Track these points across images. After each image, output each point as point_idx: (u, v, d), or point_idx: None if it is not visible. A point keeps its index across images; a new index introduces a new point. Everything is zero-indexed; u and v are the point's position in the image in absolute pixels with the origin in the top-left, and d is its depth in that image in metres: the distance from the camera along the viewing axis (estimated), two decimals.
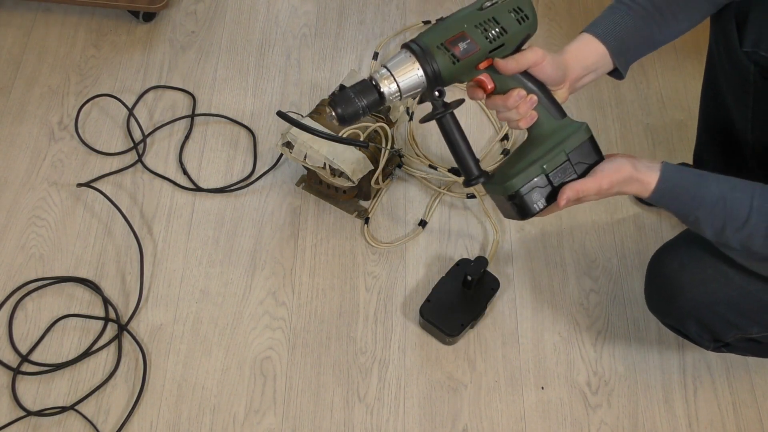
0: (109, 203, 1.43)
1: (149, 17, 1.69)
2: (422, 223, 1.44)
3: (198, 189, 1.47)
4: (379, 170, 1.37)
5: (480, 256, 1.30)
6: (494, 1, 0.92)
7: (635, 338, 1.33)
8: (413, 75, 0.91)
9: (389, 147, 1.37)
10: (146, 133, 1.53)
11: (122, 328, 1.30)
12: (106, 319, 1.32)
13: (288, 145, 1.36)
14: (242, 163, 1.51)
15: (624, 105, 1.61)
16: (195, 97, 1.59)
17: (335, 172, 1.35)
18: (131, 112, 1.56)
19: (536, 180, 0.95)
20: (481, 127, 1.57)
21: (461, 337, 1.31)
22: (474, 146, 1.55)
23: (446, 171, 1.46)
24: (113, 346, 1.30)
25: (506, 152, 1.53)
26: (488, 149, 1.53)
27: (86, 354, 1.28)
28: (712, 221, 0.93)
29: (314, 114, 1.40)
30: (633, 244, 1.43)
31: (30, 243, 1.40)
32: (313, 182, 1.45)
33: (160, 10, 1.66)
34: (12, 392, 1.24)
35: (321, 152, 1.32)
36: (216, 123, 1.57)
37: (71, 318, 1.32)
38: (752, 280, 1.04)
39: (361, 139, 1.34)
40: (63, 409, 1.23)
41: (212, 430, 1.23)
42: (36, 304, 1.33)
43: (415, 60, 0.90)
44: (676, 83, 1.65)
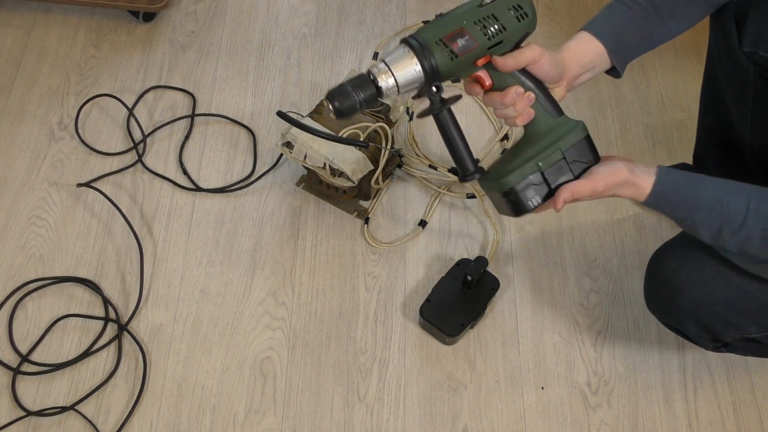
0: (109, 203, 1.43)
1: (149, 17, 1.69)
2: (422, 223, 1.44)
3: (198, 189, 1.47)
4: (379, 170, 1.37)
5: (480, 256, 1.30)
6: None
7: (635, 338, 1.33)
8: (411, 70, 0.90)
9: (389, 147, 1.37)
10: (146, 133, 1.53)
11: (122, 328, 1.30)
12: (106, 319, 1.32)
13: (288, 145, 1.36)
14: (242, 163, 1.51)
15: (624, 105, 1.61)
16: (195, 97, 1.59)
17: (335, 172, 1.35)
18: (131, 112, 1.56)
19: (531, 177, 0.95)
20: (481, 127, 1.57)
21: (461, 337, 1.31)
22: (474, 146, 1.55)
23: (446, 171, 1.46)
24: (113, 346, 1.30)
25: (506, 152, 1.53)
26: (488, 149, 1.53)
27: (86, 354, 1.28)
28: (709, 225, 0.94)
29: (314, 114, 1.40)
30: (633, 244, 1.43)
31: (30, 243, 1.40)
32: (313, 182, 1.45)
33: (160, 10, 1.66)
34: (12, 392, 1.24)
35: (321, 152, 1.32)
36: (216, 123, 1.57)
37: (71, 318, 1.32)
38: (751, 281, 1.04)
39: (361, 139, 1.34)
40: (63, 409, 1.23)
41: (212, 430, 1.23)
42: (36, 304, 1.33)
43: (414, 55, 0.90)
44: (676, 83, 1.65)
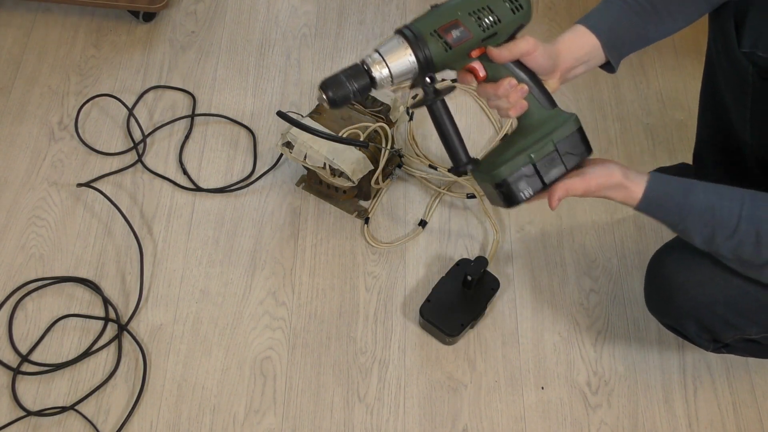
0: (109, 203, 1.43)
1: (149, 17, 1.69)
2: (422, 223, 1.44)
3: (198, 189, 1.47)
4: (379, 170, 1.37)
5: (480, 256, 1.30)
6: None
7: (635, 338, 1.33)
8: (405, 61, 0.90)
9: (389, 147, 1.37)
10: (146, 133, 1.53)
11: (122, 328, 1.30)
12: (106, 319, 1.32)
13: (288, 145, 1.36)
14: (242, 163, 1.51)
15: (624, 105, 1.61)
16: (195, 97, 1.59)
17: (335, 172, 1.35)
18: (131, 112, 1.56)
19: (524, 169, 0.96)
20: (481, 127, 1.57)
21: (461, 337, 1.31)
22: (474, 146, 1.55)
23: (446, 171, 1.46)
24: (113, 346, 1.30)
25: None
26: (488, 149, 1.53)
27: (86, 354, 1.28)
28: (701, 230, 0.94)
29: (314, 114, 1.40)
30: (633, 244, 1.43)
31: (30, 243, 1.40)
32: (313, 182, 1.45)
33: (160, 10, 1.66)
34: (12, 392, 1.24)
35: (321, 152, 1.32)
36: (216, 123, 1.57)
37: (71, 318, 1.32)
38: (751, 281, 1.04)
39: (361, 139, 1.34)
40: (63, 409, 1.23)
41: (212, 430, 1.23)
42: (36, 304, 1.33)
43: (408, 46, 0.90)
44: (676, 83, 1.65)
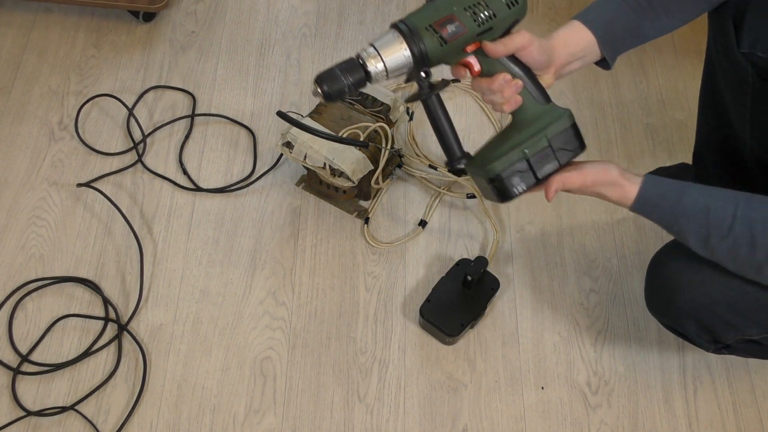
0: (109, 203, 1.43)
1: (149, 17, 1.69)
2: (422, 223, 1.44)
3: (198, 189, 1.47)
4: (379, 170, 1.37)
5: (480, 256, 1.30)
6: None
7: (635, 338, 1.33)
8: (400, 55, 0.90)
9: (389, 147, 1.37)
10: (146, 133, 1.53)
11: (122, 328, 1.30)
12: (106, 319, 1.32)
13: (288, 145, 1.36)
14: (242, 163, 1.51)
15: (624, 105, 1.61)
16: (195, 97, 1.59)
17: (335, 172, 1.35)
18: (131, 112, 1.56)
19: (517, 164, 0.96)
20: (481, 127, 1.57)
21: (461, 337, 1.31)
22: (474, 146, 1.55)
23: (446, 171, 1.46)
24: (113, 346, 1.30)
25: None
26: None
27: (86, 354, 1.28)
28: (696, 230, 0.95)
29: (314, 114, 1.40)
30: (633, 244, 1.43)
31: (30, 243, 1.40)
32: (313, 182, 1.45)
33: (160, 10, 1.66)
34: (12, 392, 1.24)
35: (321, 152, 1.32)
36: (216, 123, 1.57)
37: (71, 318, 1.32)
38: (750, 282, 1.04)
39: (361, 139, 1.34)
40: (63, 409, 1.23)
41: (212, 430, 1.23)
42: (36, 304, 1.33)
43: (403, 40, 0.90)
44: (676, 83, 1.65)
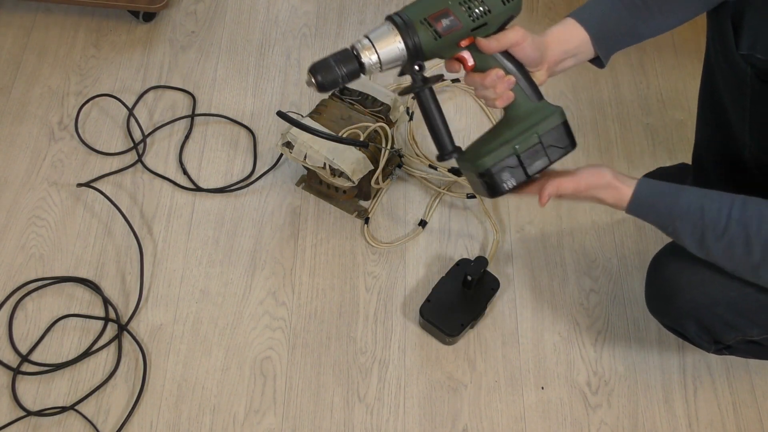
0: (109, 203, 1.43)
1: (149, 17, 1.69)
2: (422, 223, 1.44)
3: (198, 189, 1.47)
4: (379, 170, 1.37)
5: (480, 256, 1.30)
6: None
7: (635, 338, 1.33)
8: (394, 47, 0.91)
9: (389, 147, 1.37)
10: (146, 133, 1.53)
11: (122, 328, 1.30)
12: (106, 319, 1.32)
13: (288, 145, 1.36)
14: (242, 163, 1.51)
15: (624, 105, 1.61)
16: (195, 97, 1.59)
17: (335, 172, 1.35)
18: (131, 112, 1.56)
19: (507, 160, 0.97)
20: (481, 128, 1.57)
21: (461, 337, 1.31)
22: None
23: (446, 171, 1.46)
24: (113, 346, 1.30)
25: None
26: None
27: (86, 354, 1.28)
28: (692, 230, 0.95)
29: (314, 114, 1.40)
30: (633, 244, 1.43)
31: (30, 243, 1.40)
32: (313, 182, 1.45)
33: (160, 10, 1.66)
34: (12, 392, 1.24)
35: (321, 152, 1.32)
36: (216, 123, 1.57)
37: (71, 318, 1.32)
38: (750, 283, 1.04)
39: (361, 139, 1.34)
40: (63, 409, 1.23)
41: (212, 430, 1.23)
42: (36, 304, 1.33)
43: (397, 33, 0.91)
44: (676, 83, 1.65)
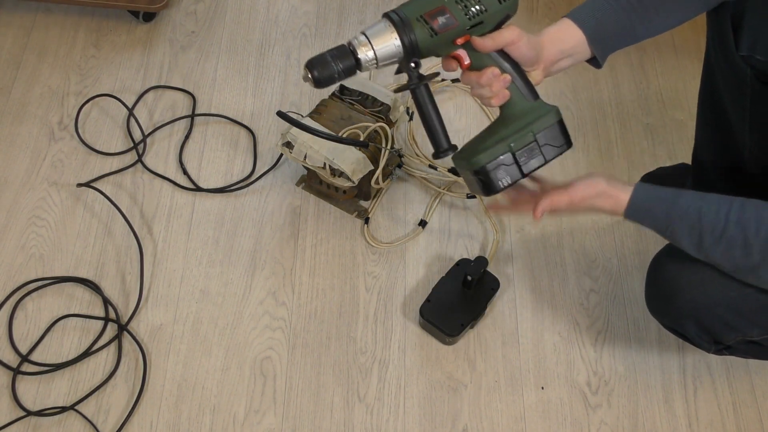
0: (109, 203, 1.43)
1: (149, 17, 1.69)
2: (422, 223, 1.44)
3: (198, 189, 1.47)
4: (379, 170, 1.37)
5: (480, 256, 1.30)
6: None
7: (635, 338, 1.33)
8: (390, 44, 0.92)
9: (389, 147, 1.37)
10: (146, 133, 1.53)
11: (122, 328, 1.30)
12: (106, 319, 1.32)
13: (288, 145, 1.36)
14: (242, 163, 1.51)
15: (624, 105, 1.61)
16: (195, 97, 1.59)
17: (335, 172, 1.35)
18: (131, 112, 1.56)
19: (502, 158, 0.98)
20: (481, 128, 1.55)
21: (461, 337, 1.31)
22: None
23: (446, 171, 1.46)
24: (113, 346, 1.30)
25: None
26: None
27: (86, 354, 1.28)
28: (689, 233, 0.96)
29: (314, 114, 1.40)
30: (633, 244, 1.43)
31: (30, 243, 1.40)
32: (313, 182, 1.45)
33: (160, 10, 1.66)
34: (12, 392, 1.24)
35: (321, 152, 1.32)
36: (216, 123, 1.57)
37: (71, 318, 1.32)
38: (750, 284, 1.04)
39: (361, 139, 1.34)
40: (63, 409, 1.23)
41: (212, 430, 1.23)
42: (36, 304, 1.33)
43: (394, 30, 0.92)
44: (676, 83, 1.65)
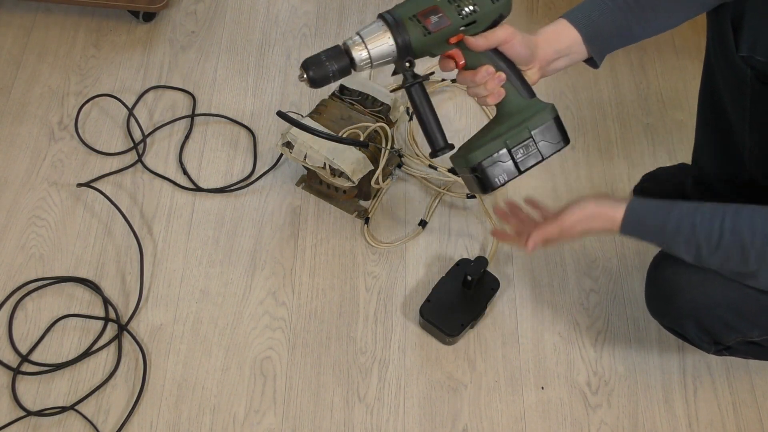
0: (109, 203, 1.43)
1: (149, 17, 1.69)
2: (422, 223, 1.44)
3: (198, 189, 1.47)
4: (379, 170, 1.37)
5: (480, 256, 1.30)
6: None
7: (635, 338, 1.33)
8: (384, 44, 0.93)
9: (389, 147, 1.37)
10: (146, 133, 1.53)
11: (122, 328, 1.30)
12: (106, 319, 1.32)
13: (288, 145, 1.36)
14: (242, 163, 1.51)
15: (624, 105, 1.61)
16: (195, 97, 1.59)
17: (335, 172, 1.35)
18: (131, 112, 1.56)
19: (498, 154, 0.98)
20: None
21: (461, 337, 1.31)
22: None
23: (446, 171, 1.46)
24: (113, 346, 1.30)
25: None
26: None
27: (86, 354, 1.28)
28: (686, 248, 0.97)
29: (314, 114, 1.40)
30: (633, 244, 1.43)
31: (30, 243, 1.40)
32: (313, 182, 1.45)
33: (160, 10, 1.66)
34: (12, 392, 1.24)
35: (321, 152, 1.32)
36: (216, 123, 1.57)
37: (71, 318, 1.32)
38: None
39: (361, 139, 1.34)
40: (63, 409, 1.23)
41: (212, 430, 1.23)
42: (36, 304, 1.33)
43: (387, 29, 0.93)
44: (676, 83, 1.65)
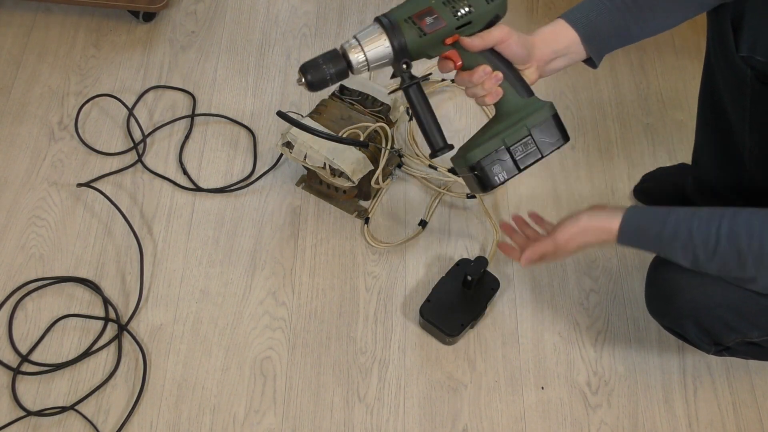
0: (109, 203, 1.43)
1: (149, 17, 1.69)
2: (422, 223, 1.44)
3: (198, 189, 1.47)
4: (379, 170, 1.37)
5: (480, 256, 1.30)
6: None
7: (635, 338, 1.33)
8: (380, 46, 0.95)
9: (389, 147, 1.37)
10: (146, 133, 1.53)
11: (122, 328, 1.30)
12: (106, 319, 1.32)
13: (288, 145, 1.36)
14: (242, 163, 1.51)
15: (624, 105, 1.61)
16: (195, 97, 1.59)
17: (335, 172, 1.35)
18: (131, 112, 1.56)
19: (497, 152, 0.99)
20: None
21: (461, 337, 1.31)
22: None
23: (446, 171, 1.46)
24: (113, 346, 1.30)
25: None
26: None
27: (86, 354, 1.28)
28: (683, 253, 0.97)
29: (314, 114, 1.40)
30: None
31: (30, 243, 1.40)
32: (313, 182, 1.45)
33: (160, 10, 1.66)
34: (12, 392, 1.24)
35: (321, 152, 1.32)
36: (216, 123, 1.57)
37: (71, 318, 1.32)
38: None
39: (361, 139, 1.34)
40: (63, 409, 1.23)
41: (212, 430, 1.23)
42: (36, 304, 1.33)
43: (383, 32, 0.95)
44: (676, 83, 1.65)
